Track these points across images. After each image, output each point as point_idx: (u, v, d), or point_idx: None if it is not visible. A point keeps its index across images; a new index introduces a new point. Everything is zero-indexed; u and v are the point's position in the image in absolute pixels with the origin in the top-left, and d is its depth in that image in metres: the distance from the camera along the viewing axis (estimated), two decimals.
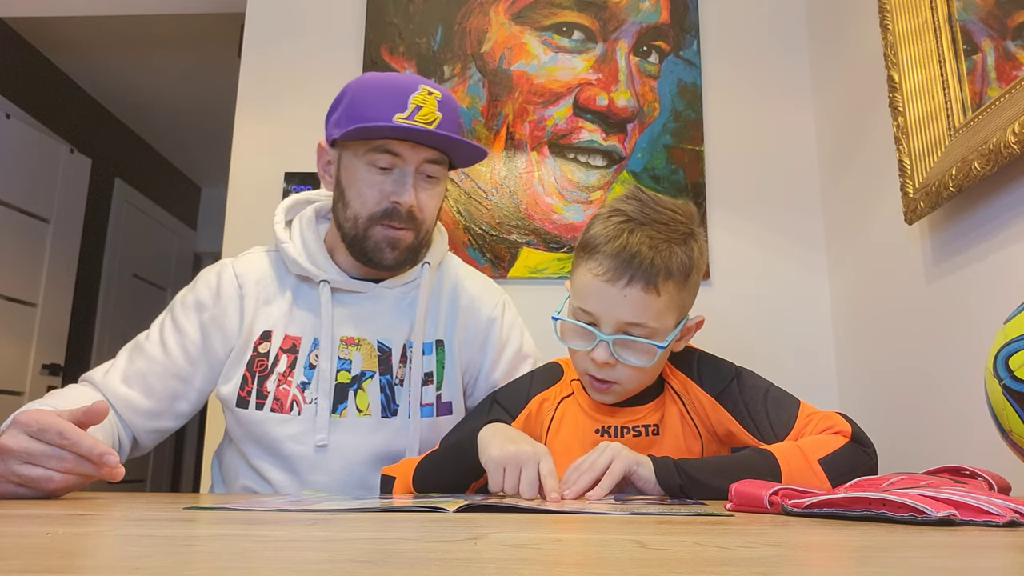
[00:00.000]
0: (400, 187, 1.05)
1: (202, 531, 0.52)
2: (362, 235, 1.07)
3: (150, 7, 2.68)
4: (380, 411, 1.09)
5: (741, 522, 0.57)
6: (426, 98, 1.03)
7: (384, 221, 1.06)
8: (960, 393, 1.16)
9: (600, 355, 0.91)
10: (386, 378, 1.10)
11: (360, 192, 1.06)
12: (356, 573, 0.33)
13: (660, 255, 0.89)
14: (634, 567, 0.35)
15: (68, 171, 3.48)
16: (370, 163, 1.05)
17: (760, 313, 1.71)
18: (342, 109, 1.08)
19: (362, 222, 1.07)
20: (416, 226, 1.08)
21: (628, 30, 1.81)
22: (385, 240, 1.07)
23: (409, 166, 1.05)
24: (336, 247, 1.13)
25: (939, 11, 1.20)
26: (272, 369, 1.08)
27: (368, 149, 1.05)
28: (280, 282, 1.13)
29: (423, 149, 1.05)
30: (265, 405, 1.06)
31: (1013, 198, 1.04)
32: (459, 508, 0.64)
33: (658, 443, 0.97)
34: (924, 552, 0.42)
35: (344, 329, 1.10)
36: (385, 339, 1.11)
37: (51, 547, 0.40)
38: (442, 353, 1.14)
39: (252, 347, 1.09)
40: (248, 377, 1.08)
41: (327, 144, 1.12)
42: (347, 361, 1.09)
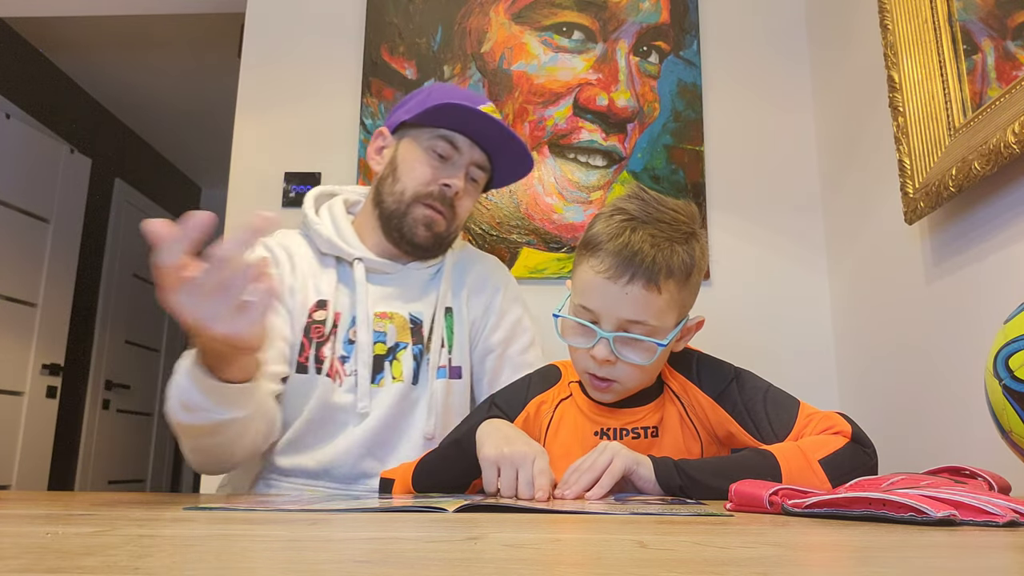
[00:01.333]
0: (454, 173, 1.15)
1: (202, 531, 0.52)
2: (403, 210, 1.15)
3: (150, 7, 2.68)
4: (411, 378, 1.14)
5: (741, 522, 0.57)
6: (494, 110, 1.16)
7: (427, 200, 1.14)
8: (960, 393, 1.16)
9: (600, 352, 0.91)
10: (418, 347, 1.16)
11: (413, 168, 1.14)
12: (356, 573, 0.33)
13: (662, 253, 0.89)
14: (634, 567, 0.35)
15: (68, 171, 3.48)
16: (430, 148, 1.14)
17: (760, 313, 1.71)
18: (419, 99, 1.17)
19: (408, 196, 1.14)
20: (452, 215, 1.16)
21: (628, 30, 1.81)
22: (423, 219, 1.14)
23: (463, 160, 1.15)
24: (366, 232, 1.19)
25: (939, 11, 1.20)
26: (329, 336, 1.12)
27: (432, 136, 1.14)
28: (320, 260, 1.18)
29: (478, 150, 1.16)
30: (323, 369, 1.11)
31: (1013, 198, 1.04)
32: (459, 508, 0.64)
33: (657, 445, 0.97)
34: (924, 552, 0.42)
35: (378, 305, 1.15)
36: (416, 312, 1.17)
37: (51, 547, 0.40)
38: (451, 319, 1.19)
39: (308, 313, 1.13)
40: (306, 343, 1.11)
41: (388, 131, 1.20)
42: (382, 334, 1.14)
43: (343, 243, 1.16)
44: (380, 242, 1.18)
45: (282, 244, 1.18)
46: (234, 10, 2.33)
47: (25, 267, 3.20)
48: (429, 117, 1.13)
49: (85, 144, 3.68)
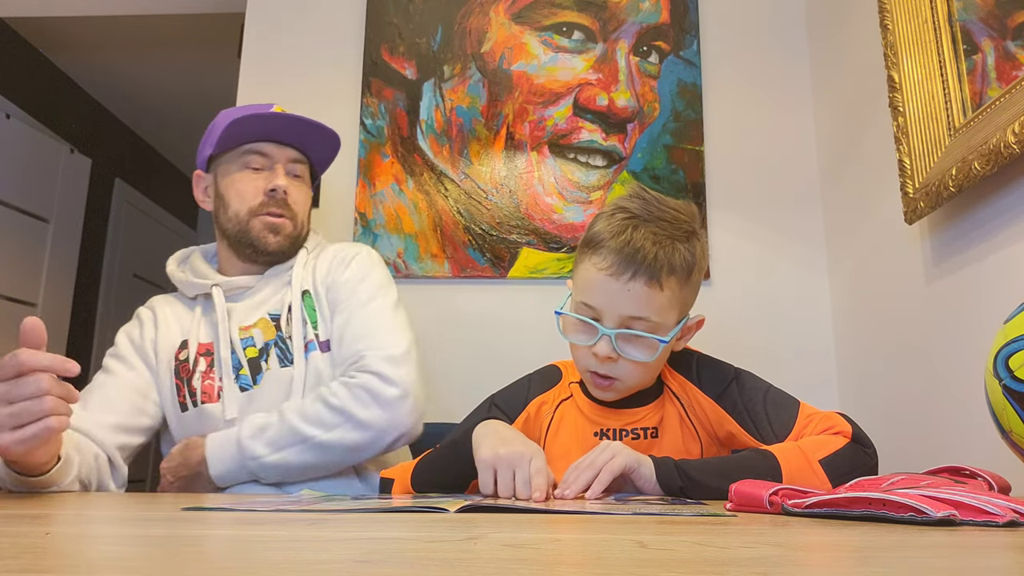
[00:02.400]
0: (273, 176, 1.23)
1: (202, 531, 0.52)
2: (245, 227, 1.23)
3: (150, 7, 2.68)
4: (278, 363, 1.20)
5: (741, 522, 0.57)
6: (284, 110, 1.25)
7: (262, 211, 1.22)
8: (960, 393, 1.16)
9: (602, 349, 0.91)
10: (279, 335, 1.22)
11: (238, 191, 1.23)
12: (356, 573, 0.33)
13: (664, 251, 0.90)
14: (634, 567, 0.35)
15: (68, 171, 3.47)
16: (244, 165, 1.24)
17: (760, 313, 1.71)
18: (211, 133, 1.27)
19: (243, 216, 1.23)
20: (292, 215, 1.25)
21: (628, 30, 1.81)
22: (266, 227, 1.23)
23: (278, 161, 1.25)
24: (224, 263, 1.29)
25: (939, 11, 1.20)
26: (194, 369, 1.21)
27: (241, 153, 1.24)
28: (186, 307, 1.29)
29: (288, 148, 1.26)
30: (197, 399, 1.18)
31: (1013, 198, 1.04)
32: (460, 508, 0.64)
33: (657, 445, 0.97)
34: (924, 552, 0.42)
35: (242, 320, 1.23)
36: (274, 310, 1.24)
37: (51, 547, 0.40)
38: (309, 298, 1.25)
39: (174, 357, 1.22)
40: (179, 384, 1.20)
41: (202, 172, 1.30)
42: (249, 339, 1.21)
43: (199, 279, 1.26)
44: (240, 267, 1.27)
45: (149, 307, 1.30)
46: (234, 10, 2.33)
47: (25, 267, 3.20)
48: (229, 140, 1.22)
49: (85, 144, 3.68)
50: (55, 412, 0.78)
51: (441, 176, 1.76)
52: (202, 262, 1.31)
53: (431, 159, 1.77)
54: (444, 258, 1.72)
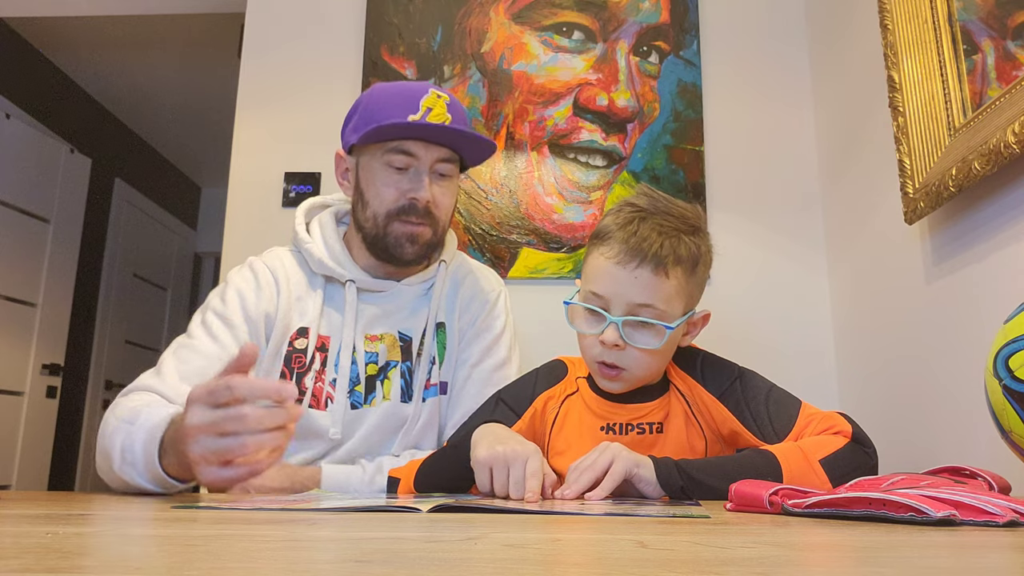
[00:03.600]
0: (416, 184, 1.10)
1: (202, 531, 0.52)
2: (382, 232, 1.12)
3: (150, 7, 2.68)
4: (400, 396, 1.13)
5: (741, 522, 0.57)
6: (436, 100, 1.10)
7: (402, 217, 1.11)
8: (960, 393, 1.16)
9: (610, 336, 0.92)
10: (407, 364, 1.14)
11: (378, 191, 1.11)
12: (356, 573, 0.33)
13: (669, 241, 0.93)
14: (634, 567, 0.35)
15: (68, 171, 3.48)
16: (387, 164, 1.10)
17: (760, 313, 1.71)
18: (357, 117, 1.14)
19: (381, 219, 1.12)
20: (433, 222, 1.13)
21: (628, 30, 1.81)
22: (404, 235, 1.12)
23: (424, 165, 1.11)
24: (356, 248, 1.18)
25: (939, 11, 1.20)
26: (310, 366, 1.10)
27: (384, 151, 1.10)
28: (310, 280, 1.16)
29: (436, 148, 1.11)
30: (304, 401, 1.09)
31: (1013, 198, 1.04)
32: (432, 508, 0.64)
33: (662, 441, 0.98)
34: (924, 552, 0.42)
35: (369, 327, 1.14)
36: (405, 330, 1.16)
37: (51, 547, 0.40)
38: (443, 334, 1.18)
39: (288, 342, 1.11)
40: (286, 373, 1.10)
41: (344, 152, 1.17)
42: (374, 354, 1.13)
43: (335, 264, 1.14)
44: (371, 260, 1.16)
45: (270, 267, 1.15)
46: (234, 10, 2.33)
47: (25, 267, 3.20)
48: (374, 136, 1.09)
49: (85, 144, 3.68)
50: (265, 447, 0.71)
51: None
52: (334, 232, 1.18)
53: None
54: None
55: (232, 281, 1.14)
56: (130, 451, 0.84)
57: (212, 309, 1.11)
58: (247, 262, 1.18)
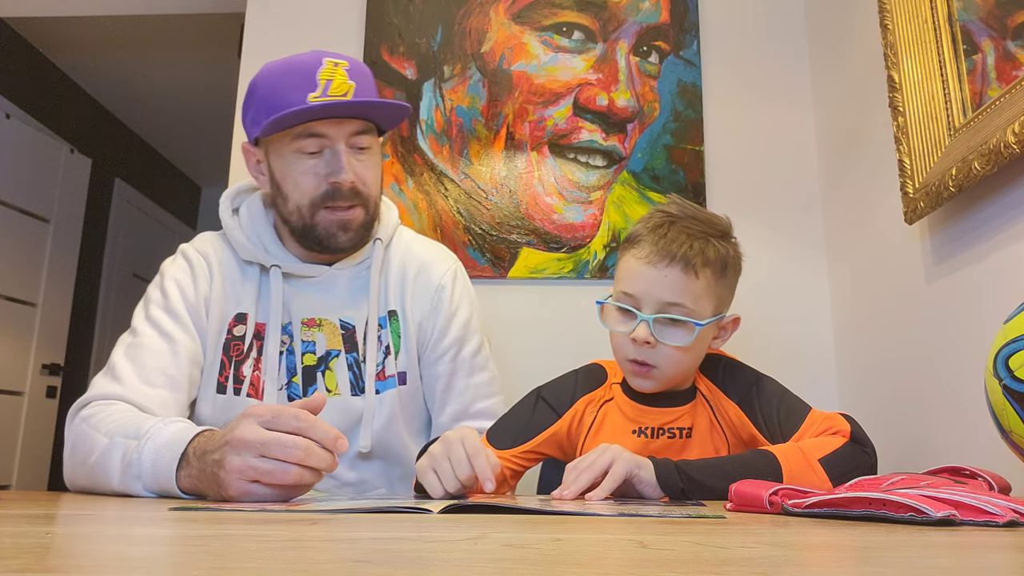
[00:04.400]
0: (334, 166, 1.02)
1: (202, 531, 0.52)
2: (310, 224, 1.05)
3: (150, 7, 2.68)
4: (349, 389, 1.08)
5: (741, 522, 0.57)
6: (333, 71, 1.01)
7: (328, 204, 1.03)
8: (960, 393, 1.16)
9: (641, 333, 0.95)
10: (352, 355, 1.09)
11: (296, 181, 1.03)
12: (356, 573, 0.33)
13: (698, 242, 0.96)
14: (634, 567, 0.35)
15: (68, 171, 3.48)
16: (298, 151, 1.02)
17: (760, 313, 1.71)
18: (255, 106, 1.05)
19: (306, 211, 1.04)
20: (363, 201, 1.06)
21: (628, 30, 1.81)
22: (334, 224, 1.04)
23: (338, 143, 1.02)
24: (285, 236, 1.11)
25: (939, 11, 1.20)
26: (247, 354, 1.06)
27: (292, 137, 1.02)
28: (239, 267, 1.11)
29: (347, 122, 1.02)
30: (242, 390, 1.05)
31: (1013, 198, 1.04)
32: (443, 509, 0.64)
33: (689, 446, 1.01)
34: (924, 552, 0.42)
35: (304, 311, 1.09)
36: (347, 318, 1.10)
37: (51, 547, 0.40)
38: (396, 323, 1.12)
39: (227, 329, 1.07)
40: (225, 362, 1.06)
41: (250, 145, 1.09)
42: (311, 343, 1.08)
43: (258, 250, 1.08)
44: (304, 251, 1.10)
45: (202, 252, 1.10)
46: (234, 10, 2.33)
47: (25, 267, 3.20)
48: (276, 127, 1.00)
49: (85, 144, 3.68)
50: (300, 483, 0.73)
51: (441, 176, 1.76)
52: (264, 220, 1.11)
53: (431, 159, 1.77)
54: None
55: (167, 272, 1.10)
56: (136, 465, 0.83)
57: (154, 303, 1.07)
58: (179, 250, 1.13)
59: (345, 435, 1.06)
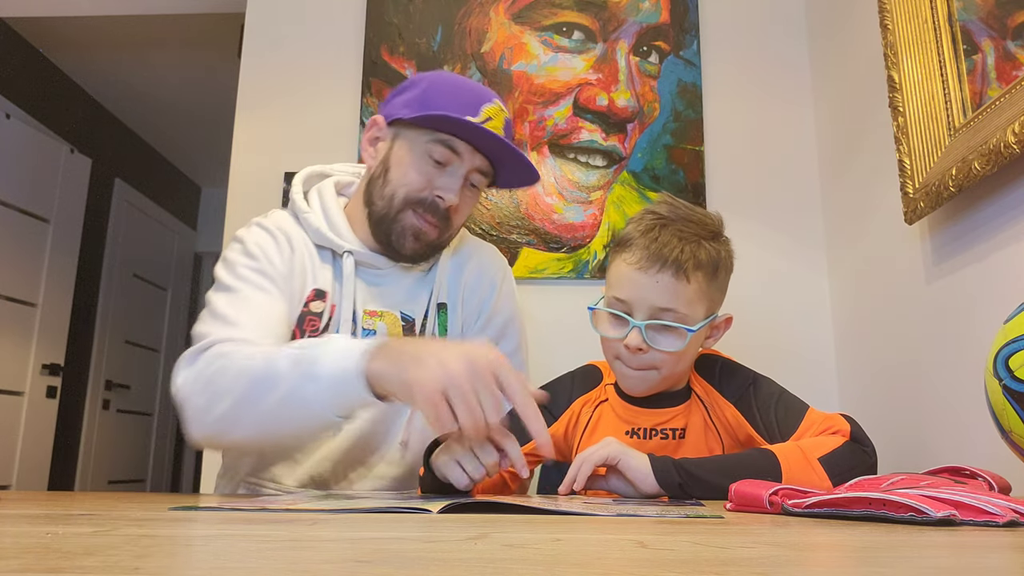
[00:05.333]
0: (450, 184, 1.05)
1: (202, 531, 0.52)
2: (392, 216, 1.07)
3: (150, 7, 2.68)
4: None
5: (741, 522, 0.57)
6: (497, 112, 1.06)
7: (418, 209, 1.06)
8: (960, 393, 1.16)
9: (633, 340, 0.94)
10: None
11: (406, 173, 1.06)
12: (356, 573, 0.33)
13: (690, 246, 0.95)
14: (634, 567, 0.36)
15: (68, 171, 3.48)
16: (427, 152, 1.05)
17: (760, 313, 1.71)
18: (416, 93, 1.07)
19: (397, 202, 1.06)
20: (446, 226, 1.09)
21: (628, 30, 1.81)
22: (412, 228, 1.07)
23: (463, 168, 1.06)
24: (358, 222, 1.12)
25: (939, 11, 1.20)
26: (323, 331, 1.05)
27: (430, 139, 1.05)
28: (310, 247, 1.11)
29: (480, 156, 1.07)
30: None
31: (1013, 198, 1.04)
32: (442, 509, 0.64)
33: (683, 446, 1.00)
34: (924, 552, 0.42)
35: (368, 302, 1.10)
36: (408, 311, 1.12)
37: (51, 547, 0.40)
38: (444, 316, 1.14)
39: (304, 301, 1.06)
40: (297, 335, 1.05)
41: (384, 122, 1.10)
42: (371, 332, 1.09)
43: (333, 235, 1.10)
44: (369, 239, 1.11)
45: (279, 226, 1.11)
46: (234, 10, 2.33)
47: (25, 267, 3.20)
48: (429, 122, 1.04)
49: (85, 144, 3.68)
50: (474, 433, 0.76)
51: None
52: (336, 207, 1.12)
53: None
54: None
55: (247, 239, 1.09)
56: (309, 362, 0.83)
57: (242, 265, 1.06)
58: (253, 222, 1.13)
59: (388, 426, 1.07)
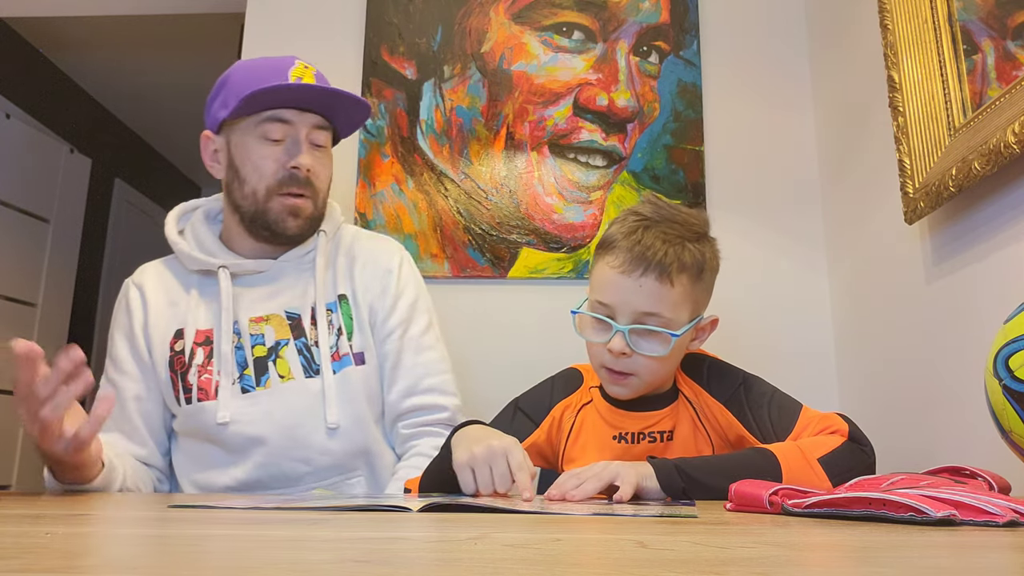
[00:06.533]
0: (295, 151, 1.10)
1: (202, 531, 0.52)
2: (262, 208, 1.12)
3: (150, 7, 2.68)
4: (303, 372, 1.12)
5: (741, 522, 0.57)
6: (304, 70, 1.11)
7: (283, 190, 1.11)
8: (960, 393, 1.16)
9: (617, 345, 0.93)
10: (301, 341, 1.13)
11: (256, 165, 1.11)
12: (356, 573, 0.34)
13: (674, 249, 0.93)
14: (634, 567, 0.36)
15: (68, 171, 3.48)
16: (262, 135, 1.10)
17: (760, 313, 1.71)
18: (225, 93, 1.14)
19: (261, 195, 1.11)
20: (313, 192, 1.13)
21: (628, 30, 1.81)
22: (285, 209, 1.12)
23: (300, 132, 1.11)
24: (233, 237, 1.18)
25: (939, 11, 1.20)
26: (190, 363, 1.12)
27: (258, 122, 1.10)
28: (181, 283, 1.17)
29: (310, 115, 1.12)
30: (192, 397, 1.10)
31: (1013, 198, 1.04)
32: (423, 508, 0.64)
33: (671, 448, 0.99)
34: (924, 552, 0.42)
35: (251, 310, 1.14)
36: (292, 308, 1.15)
37: (51, 547, 0.40)
38: (347, 305, 1.17)
39: (169, 347, 1.13)
40: (173, 378, 1.12)
41: (212, 133, 1.17)
42: (259, 336, 1.13)
43: (205, 255, 1.15)
44: (251, 245, 1.16)
45: (136, 283, 1.19)
46: (234, 10, 2.33)
47: (25, 267, 3.20)
48: (246, 108, 1.09)
49: (85, 144, 3.68)
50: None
51: (441, 176, 1.76)
52: (206, 229, 1.19)
53: (431, 159, 1.77)
54: (444, 258, 1.72)
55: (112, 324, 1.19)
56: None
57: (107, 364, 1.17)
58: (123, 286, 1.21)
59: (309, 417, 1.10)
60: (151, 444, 1.13)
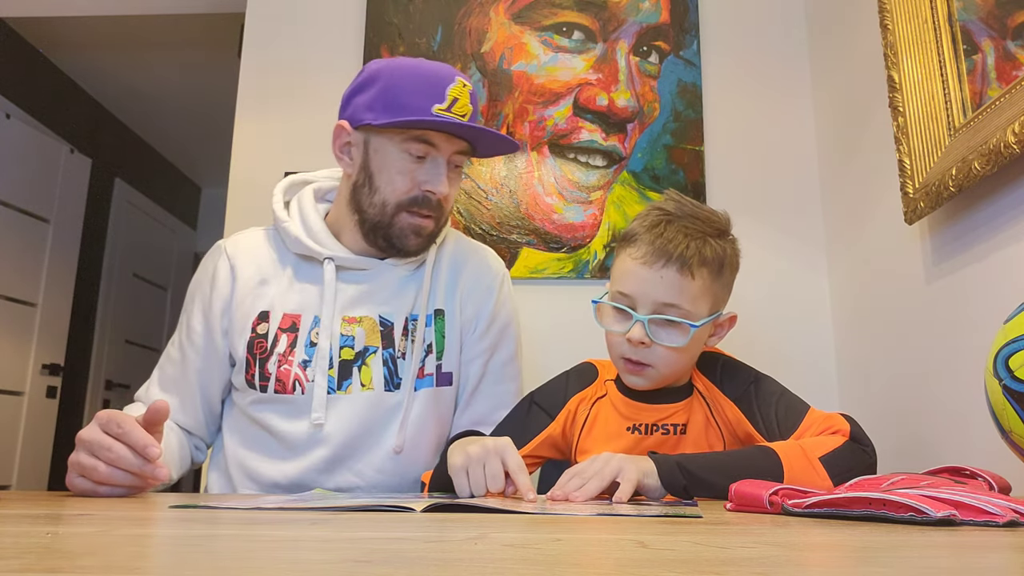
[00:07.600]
0: (435, 177, 1.07)
1: (202, 531, 0.52)
2: (388, 222, 1.08)
3: (150, 7, 2.68)
4: (383, 384, 1.09)
5: (741, 522, 0.57)
6: (461, 90, 1.05)
7: (412, 208, 1.07)
8: (960, 393, 1.16)
9: (636, 334, 0.94)
10: (388, 351, 1.10)
11: (391, 178, 1.07)
12: (356, 573, 0.34)
13: (695, 243, 0.95)
14: (634, 567, 0.36)
15: (68, 171, 3.48)
16: (405, 151, 1.06)
17: (760, 313, 1.71)
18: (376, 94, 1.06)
19: (390, 208, 1.07)
20: (440, 214, 1.10)
21: (628, 30, 1.81)
22: (410, 227, 1.08)
23: (443, 156, 1.07)
24: (343, 227, 1.13)
25: (939, 11, 1.20)
26: (272, 350, 1.08)
27: (405, 138, 1.05)
28: (279, 260, 1.13)
29: (457, 141, 1.07)
30: (268, 387, 1.07)
31: (1013, 198, 1.04)
32: (426, 508, 0.64)
33: (683, 442, 1.00)
34: (924, 552, 0.42)
35: (346, 308, 1.11)
36: (387, 314, 1.11)
37: (51, 547, 0.40)
38: (441, 322, 1.14)
39: (251, 328, 1.09)
40: (250, 360, 1.08)
41: (350, 127, 1.09)
42: (350, 338, 1.09)
43: (312, 243, 1.11)
44: (358, 242, 1.12)
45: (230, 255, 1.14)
46: (234, 10, 2.33)
47: (25, 267, 3.20)
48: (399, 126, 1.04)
49: (85, 144, 3.68)
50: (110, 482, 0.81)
51: None
52: (316, 214, 1.14)
53: None
54: None
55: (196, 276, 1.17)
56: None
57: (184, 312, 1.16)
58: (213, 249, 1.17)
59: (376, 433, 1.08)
60: (201, 416, 1.12)
